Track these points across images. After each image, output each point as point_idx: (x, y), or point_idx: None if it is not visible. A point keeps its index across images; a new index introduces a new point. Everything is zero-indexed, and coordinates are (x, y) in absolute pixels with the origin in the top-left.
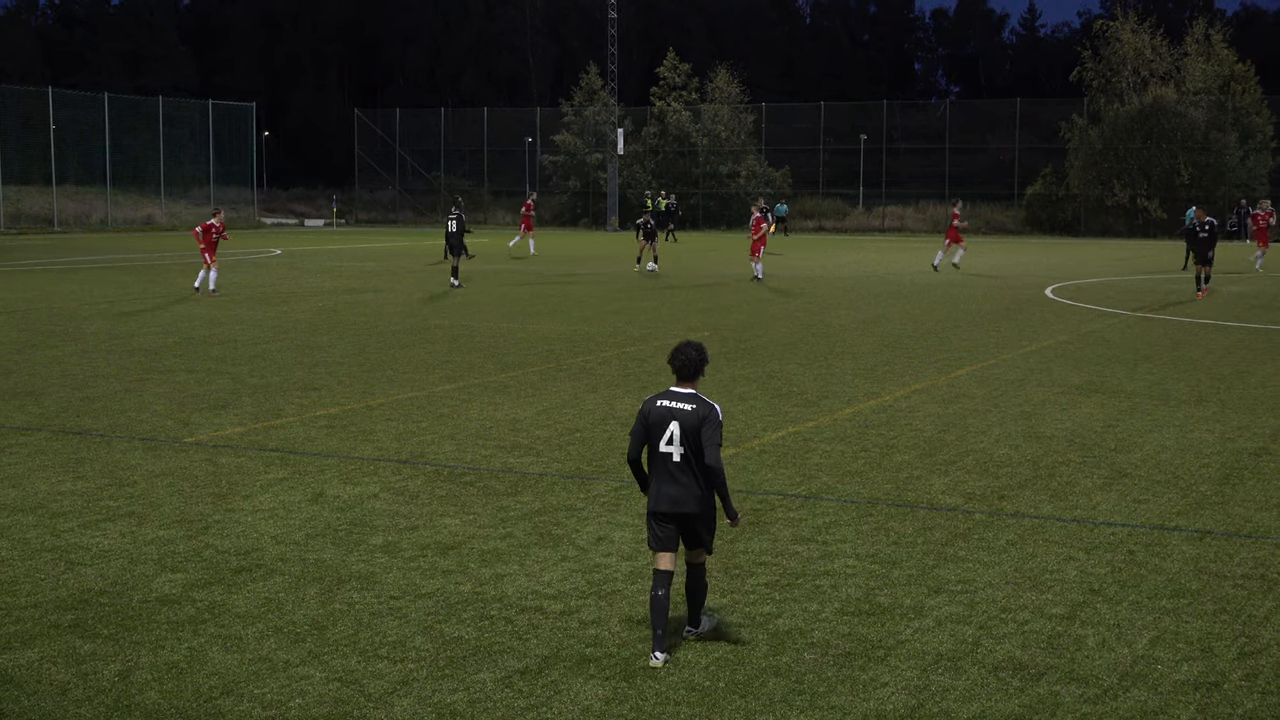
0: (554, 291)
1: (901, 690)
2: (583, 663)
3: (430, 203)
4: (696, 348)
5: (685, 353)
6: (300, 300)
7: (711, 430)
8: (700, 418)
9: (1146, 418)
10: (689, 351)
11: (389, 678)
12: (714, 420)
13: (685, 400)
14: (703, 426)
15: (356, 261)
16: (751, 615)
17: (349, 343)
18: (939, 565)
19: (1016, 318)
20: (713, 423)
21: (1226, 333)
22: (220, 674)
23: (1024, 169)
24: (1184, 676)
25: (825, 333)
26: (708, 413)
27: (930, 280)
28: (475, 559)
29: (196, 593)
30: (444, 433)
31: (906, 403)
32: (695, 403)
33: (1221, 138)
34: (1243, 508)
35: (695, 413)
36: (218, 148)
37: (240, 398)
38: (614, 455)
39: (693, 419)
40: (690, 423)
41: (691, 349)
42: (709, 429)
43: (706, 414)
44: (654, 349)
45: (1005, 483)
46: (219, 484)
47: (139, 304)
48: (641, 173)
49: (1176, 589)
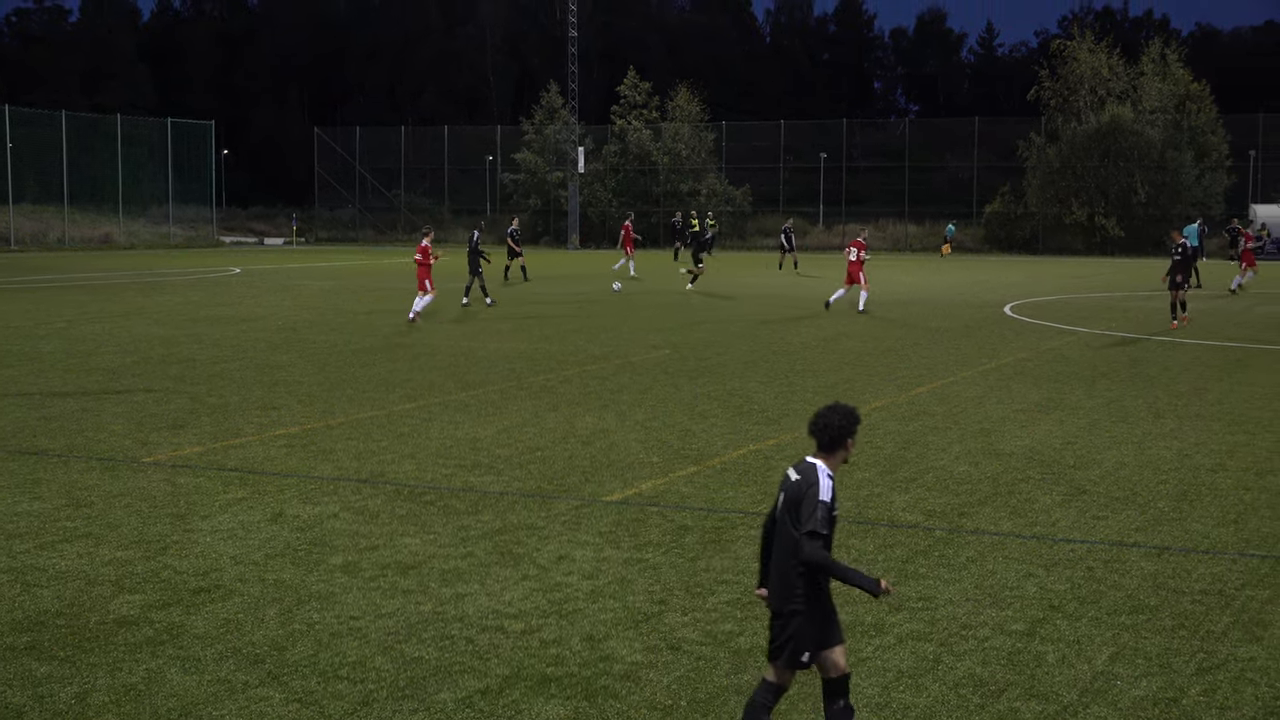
0: (515, 310)
1: (863, 708)
2: (544, 682)
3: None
4: (843, 413)
5: (824, 416)
6: (260, 319)
7: (808, 509)
8: (801, 492)
9: (1105, 434)
10: (829, 415)
11: (349, 698)
12: (811, 497)
13: (801, 470)
14: (801, 504)
15: (316, 280)
16: (713, 633)
17: (309, 362)
18: (900, 582)
19: (976, 335)
20: (809, 501)
21: (1184, 350)
22: (179, 696)
23: (983, 187)
24: (1143, 692)
25: (786, 350)
26: (809, 488)
27: (890, 297)
28: (436, 578)
29: (155, 614)
30: (404, 452)
31: (867, 420)
32: (806, 474)
33: (1178, 156)
34: (1200, 524)
35: (799, 485)
36: (176, 166)
37: (199, 417)
38: (574, 474)
39: (795, 493)
40: (793, 497)
41: (835, 413)
42: (805, 507)
43: (807, 489)
44: (615, 367)
45: (965, 500)
46: (177, 504)
47: (97, 323)
48: (602, 191)
49: (1135, 605)
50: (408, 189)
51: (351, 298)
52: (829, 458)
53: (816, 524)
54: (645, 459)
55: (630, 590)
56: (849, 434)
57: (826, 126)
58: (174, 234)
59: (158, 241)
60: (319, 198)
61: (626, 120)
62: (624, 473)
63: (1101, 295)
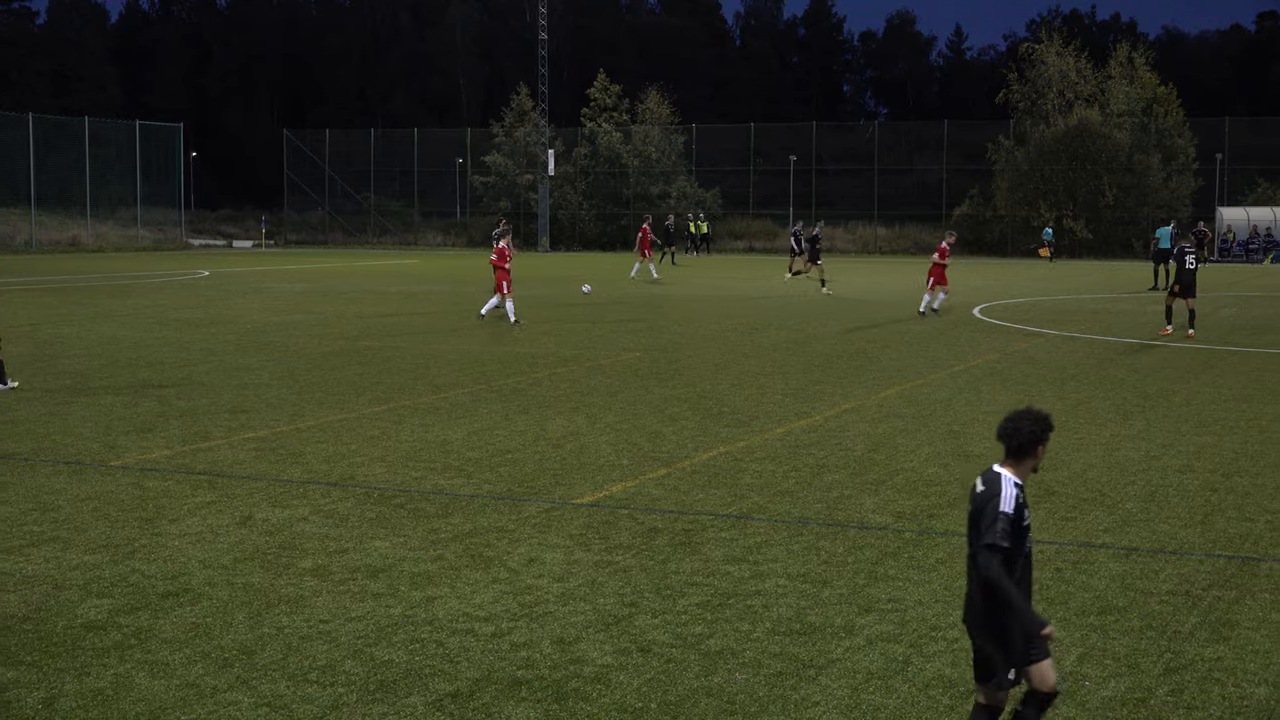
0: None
1: (833, 709)
2: (514, 685)
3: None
4: (1034, 418)
5: (1014, 421)
6: (228, 322)
7: (989, 520)
8: (984, 504)
9: (1073, 436)
10: (1019, 420)
11: (319, 702)
12: (992, 508)
13: (987, 479)
14: (983, 515)
15: (285, 283)
16: (683, 635)
17: (278, 365)
18: (870, 584)
19: (945, 337)
20: (990, 512)
21: (1151, 352)
22: (147, 700)
23: (951, 190)
24: (1111, 693)
25: (756, 353)
26: (991, 499)
27: (859, 300)
28: (406, 581)
29: (122, 618)
30: (374, 455)
31: (837, 422)
32: (991, 484)
33: (1145, 159)
34: (1168, 525)
35: (983, 496)
36: (145, 168)
37: (167, 420)
38: (545, 476)
39: (979, 504)
40: (976, 508)
41: (1026, 418)
42: (986, 518)
43: (989, 500)
44: (586, 369)
45: (935, 501)
46: (146, 508)
47: (64, 326)
48: (572, 193)
49: (1103, 606)
50: (377, 191)
51: (321, 300)
52: (1017, 465)
53: (995, 536)
54: (616, 461)
55: (600, 593)
56: (1040, 440)
57: (796, 129)
58: (142, 236)
59: (126, 244)
60: (288, 200)
61: (597, 123)
62: (594, 475)
63: (1070, 298)
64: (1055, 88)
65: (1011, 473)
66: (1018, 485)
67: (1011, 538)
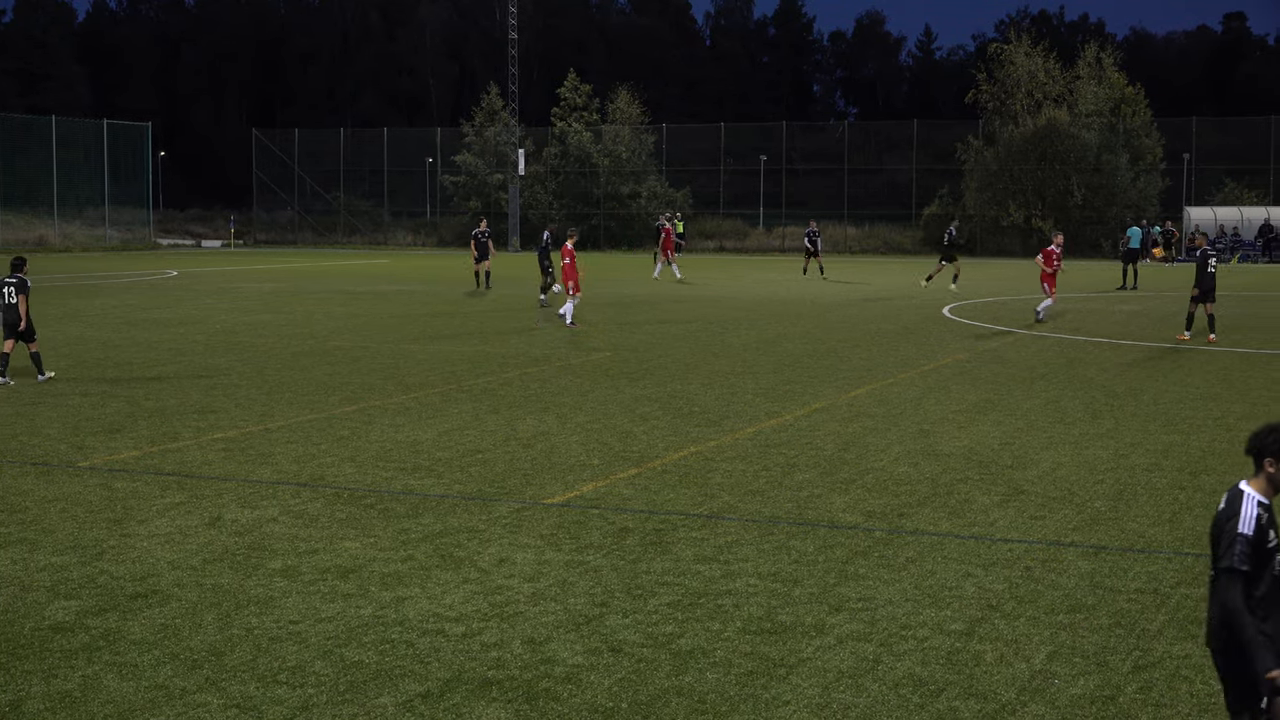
0: (455, 312)
1: (803, 708)
2: (485, 685)
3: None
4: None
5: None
6: (197, 322)
7: (1225, 542)
8: (1224, 521)
9: (1043, 435)
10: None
11: (288, 703)
12: (1230, 529)
13: (1229, 497)
14: (1222, 533)
15: (254, 283)
16: (654, 635)
17: (247, 365)
18: (840, 583)
19: (914, 337)
20: (1227, 533)
21: (1120, 350)
22: (115, 702)
23: (921, 190)
24: (1080, 691)
25: (726, 353)
26: (1229, 519)
27: (830, 300)
28: (376, 582)
29: (91, 620)
30: (344, 455)
31: (807, 422)
32: (1232, 501)
33: (1113, 159)
34: (1136, 523)
35: (1223, 514)
36: (113, 168)
37: (136, 421)
38: (515, 476)
39: (1218, 522)
40: (1216, 526)
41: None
42: (1223, 539)
43: (1227, 520)
44: (556, 369)
45: (904, 500)
46: (114, 509)
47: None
48: (543, 193)
49: (1073, 604)
50: (347, 191)
51: (290, 300)
52: (1266, 482)
53: (1233, 559)
54: (586, 461)
55: (571, 593)
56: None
57: (766, 129)
58: (110, 236)
59: (93, 244)
60: (257, 200)
61: (567, 122)
62: (565, 475)
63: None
64: (1024, 88)
65: (1257, 490)
66: (1262, 504)
67: (1252, 560)
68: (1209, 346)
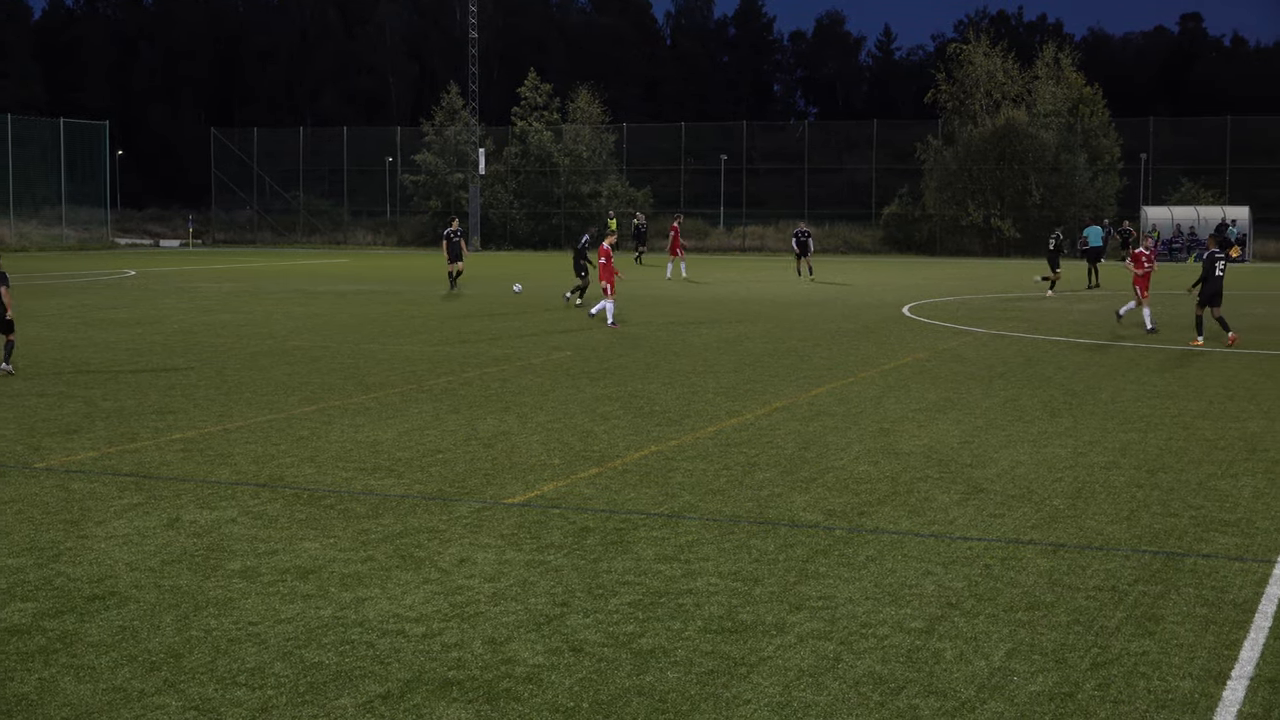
0: (415, 311)
1: (764, 707)
2: (445, 686)
3: (289, 223)
4: None
5: None
6: (155, 322)
7: None
8: None
9: (1001, 433)
10: None
11: (248, 705)
12: None
13: None
14: None
15: (213, 283)
16: (615, 635)
17: (206, 365)
18: (800, 582)
19: (875, 336)
20: None
21: (1078, 350)
22: (73, 705)
23: (881, 189)
24: (1039, 688)
25: (687, 352)
26: None
27: (791, 299)
28: (336, 583)
29: (47, 622)
30: (303, 455)
31: (768, 421)
32: None
33: (1071, 159)
34: (1094, 521)
35: None
36: (69, 167)
37: (93, 422)
38: (476, 476)
39: None
40: None
41: None
42: None
43: None
44: (517, 369)
45: (865, 499)
46: (71, 510)
47: None
48: (503, 192)
49: (1031, 601)
50: (306, 191)
51: (250, 300)
52: None
53: None
54: (547, 461)
55: (532, 592)
56: None
57: (727, 128)
58: (67, 236)
59: (50, 243)
60: (216, 199)
61: (527, 122)
62: (526, 475)
63: (997, 296)
64: (983, 88)
65: None
66: None
67: None
68: (1205, 349)
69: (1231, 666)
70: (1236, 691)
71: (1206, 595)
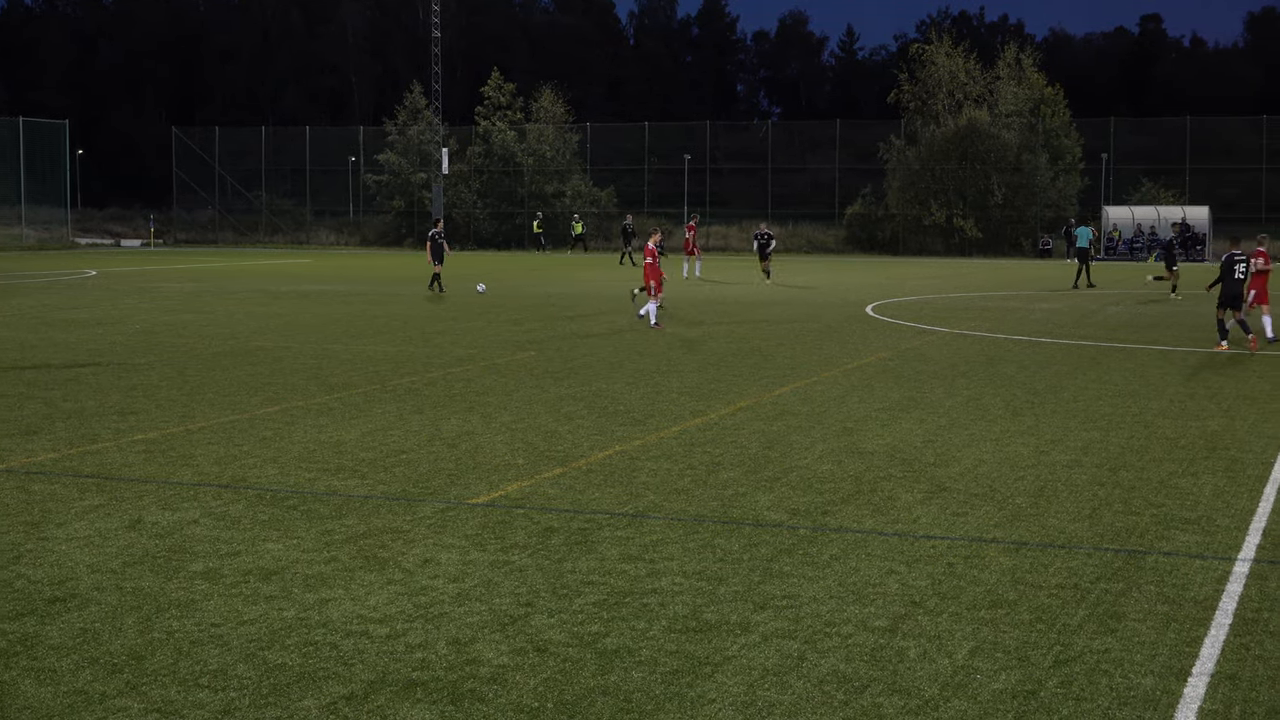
0: (379, 311)
1: (729, 706)
2: (409, 687)
3: (251, 223)
4: None
5: None
6: (116, 322)
7: None
8: None
9: (964, 432)
10: None
11: (210, 707)
12: None
13: None
14: None
15: (175, 283)
16: (579, 634)
17: (168, 365)
18: (764, 581)
19: (838, 335)
20: None
21: (1040, 349)
22: (33, 708)
23: (844, 189)
24: (1002, 686)
25: (651, 351)
26: None
27: (754, 299)
28: (299, 584)
29: (7, 625)
30: (266, 456)
31: (732, 420)
32: None
33: (1033, 159)
34: (1057, 519)
35: None
36: (29, 166)
37: (53, 423)
38: (440, 477)
39: None
40: None
41: None
42: None
43: None
44: (481, 369)
45: (828, 498)
46: (31, 512)
47: None
48: (467, 192)
49: (994, 600)
50: (268, 190)
51: (212, 300)
52: None
53: None
54: (511, 461)
55: (496, 593)
56: None
57: (690, 128)
58: (27, 235)
59: (9, 243)
60: (177, 199)
61: (491, 121)
62: (490, 475)
63: (960, 295)
64: (945, 88)
65: None
66: None
67: None
68: (1213, 350)
69: (1192, 664)
70: (1197, 688)
71: (1168, 593)
